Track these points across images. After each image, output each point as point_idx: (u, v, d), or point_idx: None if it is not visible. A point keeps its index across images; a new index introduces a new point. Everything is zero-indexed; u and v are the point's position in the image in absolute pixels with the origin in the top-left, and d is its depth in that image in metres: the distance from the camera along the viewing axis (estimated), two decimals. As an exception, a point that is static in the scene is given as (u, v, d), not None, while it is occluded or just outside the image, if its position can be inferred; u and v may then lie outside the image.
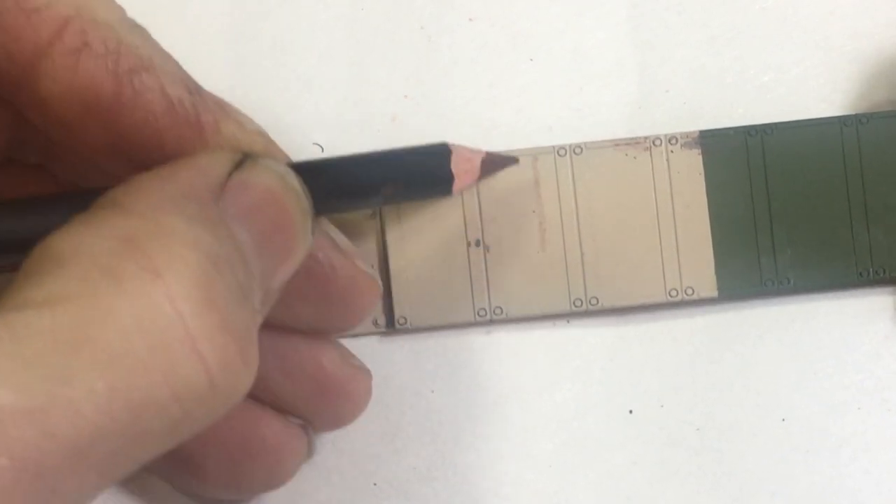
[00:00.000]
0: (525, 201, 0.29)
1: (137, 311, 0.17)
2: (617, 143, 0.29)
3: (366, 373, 0.27)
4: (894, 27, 0.30)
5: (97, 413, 0.17)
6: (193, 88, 0.22)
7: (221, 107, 0.22)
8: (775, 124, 0.29)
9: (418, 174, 0.26)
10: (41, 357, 0.17)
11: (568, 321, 0.30)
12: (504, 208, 0.29)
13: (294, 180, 0.22)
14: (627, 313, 0.30)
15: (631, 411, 0.30)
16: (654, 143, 0.29)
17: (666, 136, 0.29)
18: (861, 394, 0.29)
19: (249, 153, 0.21)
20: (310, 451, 0.28)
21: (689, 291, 0.29)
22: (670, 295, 0.29)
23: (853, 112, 0.30)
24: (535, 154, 0.29)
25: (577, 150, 0.29)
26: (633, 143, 0.29)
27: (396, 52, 0.31)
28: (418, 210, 0.29)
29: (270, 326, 0.25)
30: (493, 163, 0.27)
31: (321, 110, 0.30)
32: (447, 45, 0.31)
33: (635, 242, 0.29)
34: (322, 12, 0.31)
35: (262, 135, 0.23)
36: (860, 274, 0.29)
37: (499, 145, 0.29)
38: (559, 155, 0.29)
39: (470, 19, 0.31)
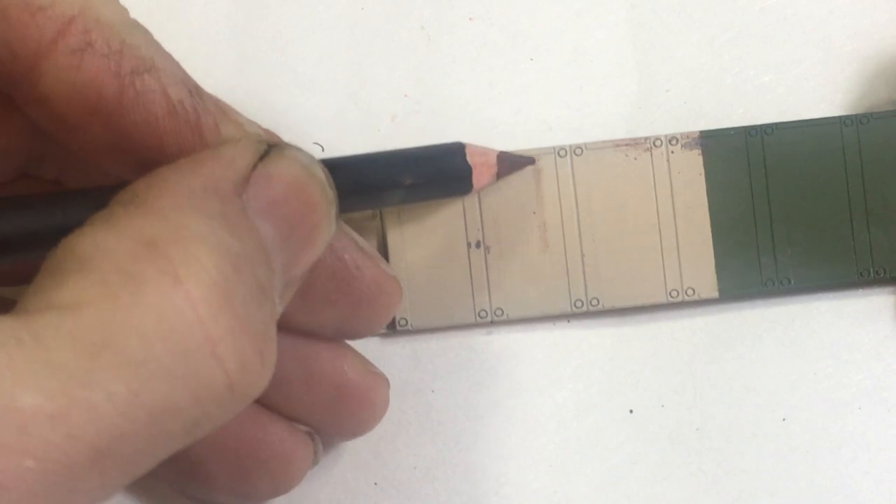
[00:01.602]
0: (525, 202, 0.29)
1: (158, 316, 0.17)
2: (617, 144, 0.29)
3: (385, 381, 0.27)
4: (894, 27, 0.30)
5: (117, 416, 0.17)
6: (194, 90, 0.22)
7: (221, 108, 0.22)
8: (775, 124, 0.29)
9: (437, 171, 0.26)
10: (63, 361, 0.17)
11: (568, 321, 0.30)
12: (504, 209, 0.29)
13: (319, 170, 0.22)
14: (628, 313, 0.30)
15: (631, 411, 0.30)
16: (654, 143, 0.29)
17: (666, 136, 0.29)
18: (861, 394, 0.29)
19: (274, 143, 0.21)
20: (316, 459, 0.27)
21: (690, 292, 0.29)
22: (671, 295, 0.29)
23: (853, 112, 0.30)
24: (536, 155, 0.29)
25: (578, 151, 0.29)
26: (633, 143, 0.29)
27: (396, 52, 0.31)
28: (419, 212, 0.29)
29: (293, 332, 0.26)
30: (510, 162, 0.27)
31: (321, 110, 0.30)
32: (447, 45, 0.31)
33: (636, 243, 0.29)
34: (322, 12, 0.31)
35: (262, 136, 0.23)
36: (860, 274, 0.29)
37: (499, 145, 0.29)
38: (559, 156, 0.29)
39: (470, 19, 0.31)
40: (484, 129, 0.30)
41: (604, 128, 0.30)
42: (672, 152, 0.29)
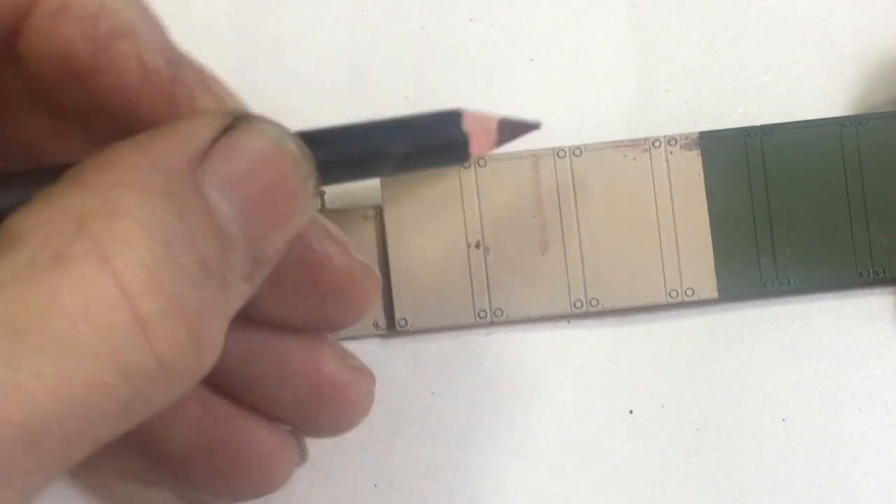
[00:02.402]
0: (525, 203, 0.29)
1: (83, 295, 0.17)
2: (616, 145, 0.29)
3: (367, 375, 0.26)
4: (894, 27, 0.30)
5: (47, 397, 0.17)
6: (174, 59, 0.21)
7: (203, 80, 0.22)
8: (774, 125, 0.29)
9: (430, 138, 0.25)
10: None
11: (568, 322, 0.30)
12: (504, 210, 0.29)
13: (290, 141, 0.21)
14: (628, 314, 0.30)
15: (631, 411, 0.30)
16: (653, 144, 0.29)
17: (665, 137, 0.29)
18: (861, 394, 0.29)
19: (242, 115, 0.21)
20: (303, 457, 0.27)
21: (690, 292, 0.29)
22: (670, 296, 0.29)
23: (853, 112, 0.30)
24: (535, 155, 0.29)
25: (577, 152, 0.29)
26: (632, 144, 0.29)
27: (396, 52, 0.31)
28: (419, 212, 0.29)
29: (266, 327, 0.25)
30: (512, 128, 0.26)
31: (321, 110, 0.30)
32: (447, 45, 0.31)
33: (635, 244, 0.29)
34: (322, 12, 0.31)
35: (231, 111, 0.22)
36: (860, 274, 0.29)
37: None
38: (559, 156, 0.29)
39: (470, 19, 0.31)
40: (484, 130, 0.30)
41: (604, 128, 0.30)
42: (671, 153, 0.29)
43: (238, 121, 0.20)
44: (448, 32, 0.31)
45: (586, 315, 0.29)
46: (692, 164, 0.29)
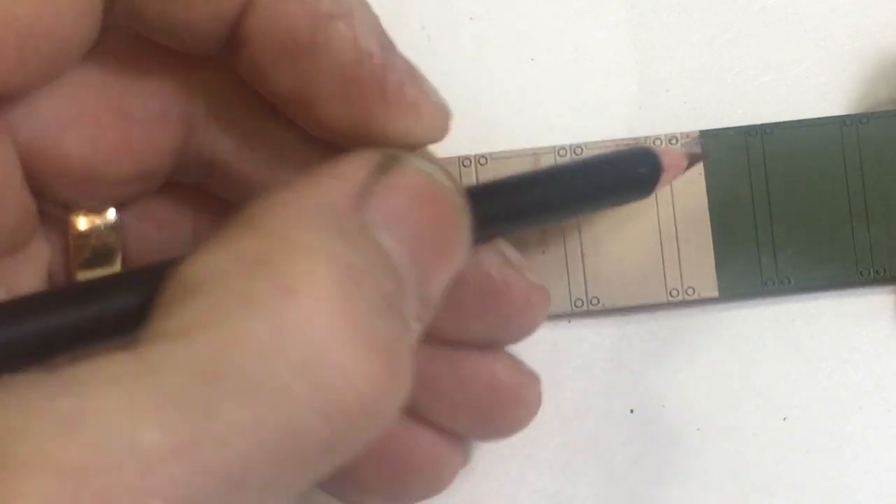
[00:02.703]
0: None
1: (274, 334, 0.16)
2: (617, 144, 0.29)
3: (536, 378, 0.26)
4: (895, 27, 0.30)
5: (245, 443, 0.16)
6: (386, 45, 0.21)
7: (410, 72, 0.21)
8: (775, 124, 0.29)
9: (624, 180, 0.25)
10: (181, 390, 0.16)
11: (569, 321, 0.30)
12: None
13: (444, 177, 0.20)
14: (628, 313, 0.30)
15: (632, 411, 0.30)
16: (653, 143, 0.29)
17: (666, 136, 0.29)
18: (862, 394, 0.29)
19: (395, 153, 0.20)
20: (465, 460, 0.27)
21: (690, 291, 0.29)
22: (671, 295, 0.29)
23: (854, 111, 0.30)
24: (536, 154, 0.29)
25: (578, 151, 0.29)
26: (632, 143, 0.29)
27: (396, 52, 0.31)
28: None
29: (443, 341, 0.25)
30: (692, 159, 0.27)
31: (321, 110, 0.30)
32: (447, 44, 0.31)
33: (636, 243, 0.29)
34: (322, 12, 0.31)
35: (444, 110, 0.22)
36: (860, 273, 0.29)
37: (499, 145, 0.29)
38: (559, 155, 0.29)
39: (470, 19, 0.31)
40: (484, 130, 0.30)
41: (604, 128, 0.30)
42: (672, 152, 0.29)
43: (392, 158, 0.20)
44: (448, 32, 0.31)
45: (587, 314, 0.29)
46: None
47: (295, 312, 0.17)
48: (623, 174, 0.25)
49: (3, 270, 0.22)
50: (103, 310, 0.19)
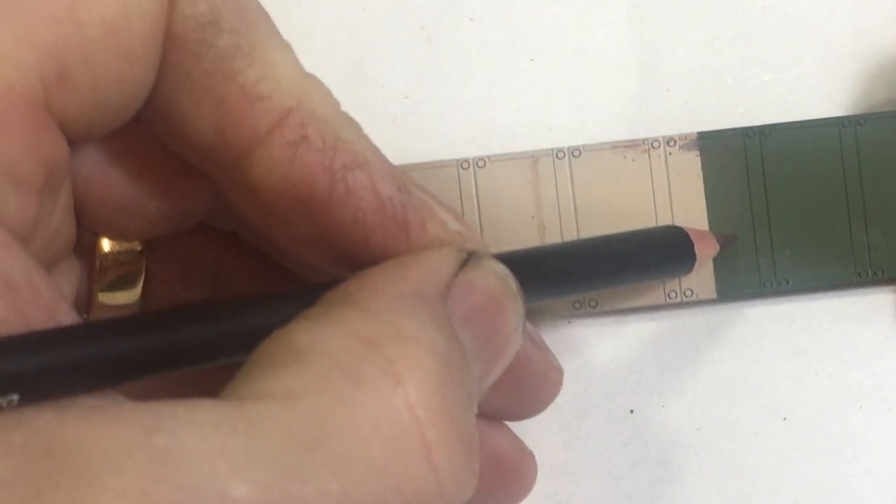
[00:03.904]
0: (524, 204, 0.29)
1: (376, 416, 0.17)
2: (615, 146, 0.29)
3: (534, 458, 0.27)
4: (895, 27, 0.30)
5: None
6: (403, 186, 0.21)
7: (428, 206, 0.22)
8: (773, 125, 0.29)
9: (662, 259, 0.26)
10: (277, 452, 0.16)
11: (569, 322, 0.30)
12: (503, 212, 0.29)
13: (513, 283, 0.21)
14: (628, 314, 0.30)
15: (632, 411, 0.30)
16: (652, 145, 0.29)
17: (664, 137, 0.29)
18: (861, 393, 0.29)
19: (473, 252, 0.21)
20: None
21: (689, 293, 0.29)
22: (669, 297, 0.29)
23: (854, 111, 0.30)
24: (534, 156, 0.29)
25: (576, 153, 0.29)
26: (631, 145, 0.29)
27: (396, 52, 0.31)
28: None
29: None
30: (723, 242, 0.28)
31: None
32: (447, 45, 0.31)
33: (634, 245, 0.29)
34: (322, 12, 0.31)
35: (461, 234, 0.22)
36: (858, 275, 0.29)
37: (499, 146, 0.29)
38: (557, 157, 0.29)
39: (470, 19, 0.31)
40: (484, 130, 0.30)
41: (604, 128, 0.30)
42: (670, 154, 0.29)
43: (471, 257, 0.21)
44: (448, 32, 0.31)
45: (586, 315, 0.29)
46: (691, 165, 0.29)
47: (399, 400, 0.17)
48: (662, 254, 0.26)
49: None
50: (192, 337, 0.20)
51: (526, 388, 0.25)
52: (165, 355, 0.19)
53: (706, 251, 0.28)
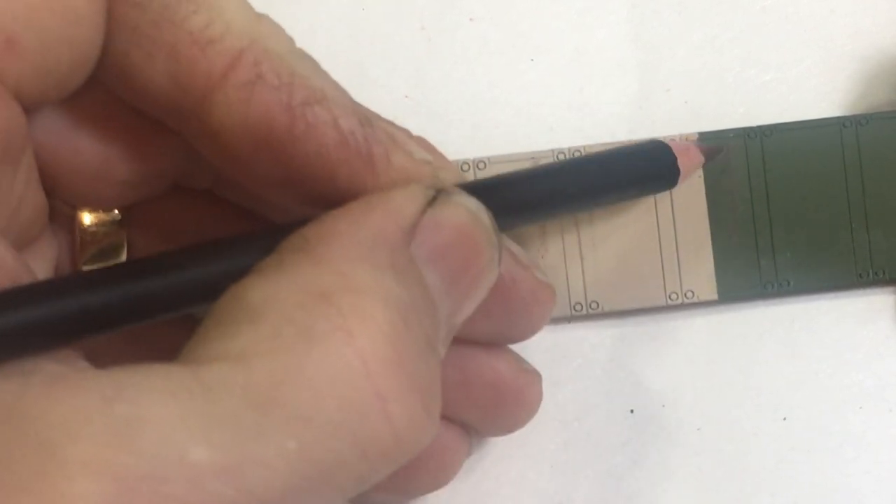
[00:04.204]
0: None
1: (330, 371, 0.17)
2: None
3: (538, 376, 0.27)
4: (895, 27, 0.30)
5: (289, 472, 0.17)
6: (365, 119, 0.21)
7: (392, 136, 0.22)
8: (774, 126, 0.29)
9: (642, 174, 0.26)
10: (235, 414, 0.16)
11: (569, 322, 0.30)
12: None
13: (485, 215, 0.21)
14: (628, 314, 0.30)
15: (632, 411, 0.30)
16: (654, 144, 0.29)
17: (665, 138, 0.29)
18: (862, 393, 0.29)
19: (442, 188, 0.21)
20: (469, 451, 0.27)
21: (689, 294, 0.29)
22: (670, 298, 0.29)
23: (854, 112, 0.30)
24: (534, 158, 0.29)
25: (576, 154, 0.29)
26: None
27: (396, 52, 0.31)
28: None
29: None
30: (705, 152, 0.28)
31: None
32: (447, 45, 0.31)
33: (634, 246, 0.29)
34: (322, 12, 0.31)
35: (429, 163, 0.22)
36: (859, 275, 0.29)
37: (500, 146, 0.29)
38: (558, 158, 0.29)
39: (470, 19, 0.31)
40: (484, 130, 0.30)
41: (604, 128, 0.30)
42: (670, 155, 0.29)
43: (439, 194, 0.21)
44: (448, 32, 0.31)
45: (586, 316, 0.29)
46: (692, 166, 0.29)
47: (352, 354, 0.17)
48: (643, 169, 0.26)
49: None
50: (146, 290, 0.20)
51: (516, 310, 0.25)
52: (125, 307, 0.19)
53: (690, 164, 0.27)
